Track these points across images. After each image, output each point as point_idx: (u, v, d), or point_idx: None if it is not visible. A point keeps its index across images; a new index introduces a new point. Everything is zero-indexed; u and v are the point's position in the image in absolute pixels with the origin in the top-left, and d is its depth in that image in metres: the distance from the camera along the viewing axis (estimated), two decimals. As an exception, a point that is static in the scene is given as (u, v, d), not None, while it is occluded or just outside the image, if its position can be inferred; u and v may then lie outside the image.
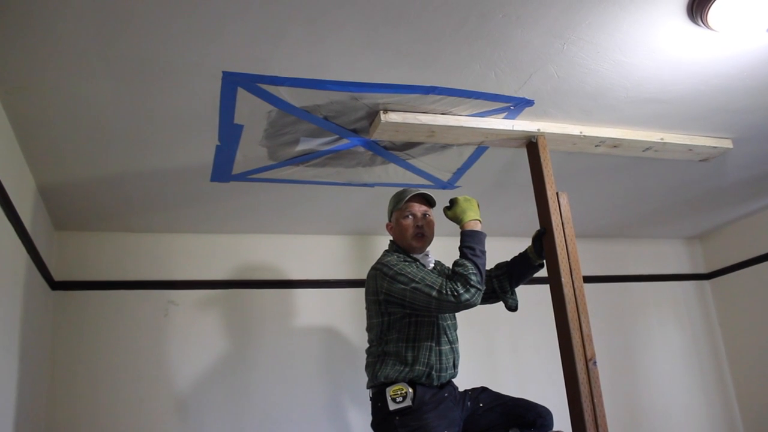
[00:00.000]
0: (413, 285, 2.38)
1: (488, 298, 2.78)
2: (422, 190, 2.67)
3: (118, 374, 3.48)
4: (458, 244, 2.46)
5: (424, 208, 2.65)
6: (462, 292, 2.30)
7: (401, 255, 2.60)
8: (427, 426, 2.37)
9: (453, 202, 2.56)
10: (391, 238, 2.71)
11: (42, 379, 3.25)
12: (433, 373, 2.45)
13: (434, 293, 2.32)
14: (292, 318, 3.89)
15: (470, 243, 2.42)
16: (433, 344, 2.48)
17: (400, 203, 2.64)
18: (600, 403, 2.36)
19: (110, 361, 3.49)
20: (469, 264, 2.36)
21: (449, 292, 2.30)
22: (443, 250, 2.98)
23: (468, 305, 2.33)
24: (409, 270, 2.44)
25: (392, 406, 2.42)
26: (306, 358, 3.83)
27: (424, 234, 2.61)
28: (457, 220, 2.53)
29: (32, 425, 3.00)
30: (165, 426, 3.48)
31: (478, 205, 2.56)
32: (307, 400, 3.75)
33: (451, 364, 2.53)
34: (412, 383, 2.43)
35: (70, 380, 3.40)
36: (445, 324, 2.56)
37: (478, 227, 2.48)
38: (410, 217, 2.62)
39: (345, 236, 4.17)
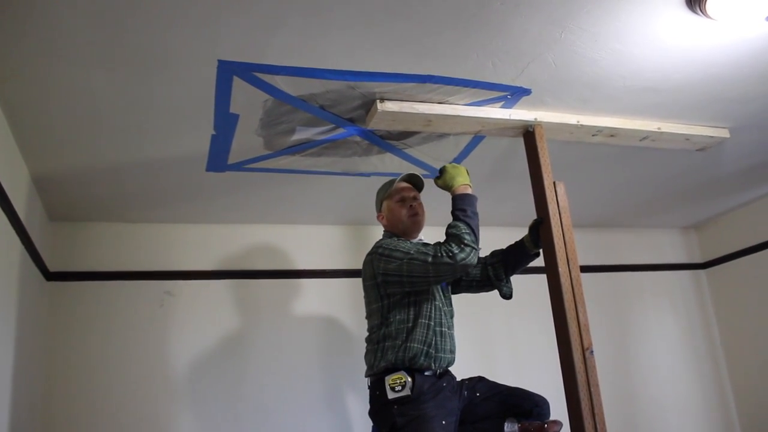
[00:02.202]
0: (408, 257, 2.41)
1: (483, 285, 2.80)
2: (411, 172, 2.69)
3: (114, 365, 3.47)
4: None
5: (414, 192, 2.70)
6: (457, 252, 2.31)
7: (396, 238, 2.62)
8: (425, 415, 2.37)
9: (442, 171, 2.58)
10: (384, 229, 2.71)
11: (38, 370, 3.24)
12: (431, 350, 2.44)
13: (430, 258, 2.34)
14: (288, 308, 3.89)
15: (461, 205, 2.44)
16: (432, 324, 2.49)
17: (389, 189, 2.68)
18: (597, 392, 2.37)
19: (106, 351, 3.48)
20: (461, 224, 2.38)
21: (444, 254, 2.32)
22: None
23: (465, 265, 2.33)
24: (403, 245, 2.47)
25: (391, 395, 2.43)
26: (303, 348, 3.83)
27: (417, 213, 2.64)
28: (447, 187, 2.55)
29: (29, 416, 2.99)
30: (162, 416, 3.48)
31: (468, 172, 2.56)
32: (305, 390, 3.75)
33: (448, 348, 2.53)
34: (411, 372, 2.43)
35: (66, 371, 3.39)
36: (444, 310, 2.57)
37: (468, 191, 2.49)
38: (401, 200, 2.66)
39: (341, 226, 4.16)
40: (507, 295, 2.79)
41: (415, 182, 2.71)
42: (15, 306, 2.72)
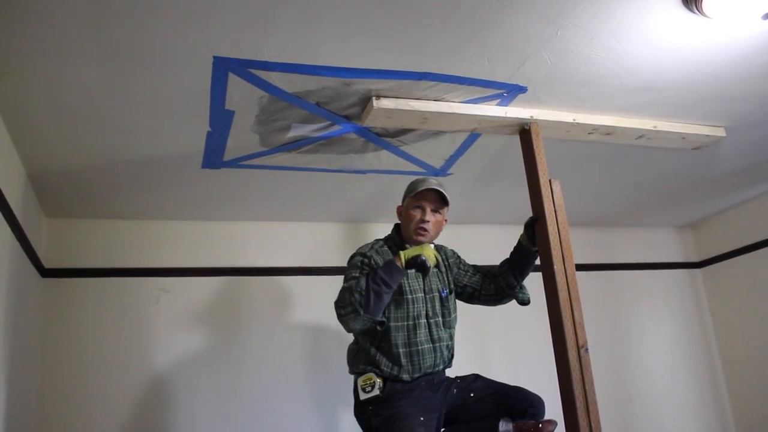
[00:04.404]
0: (343, 284, 2.41)
1: (501, 298, 2.73)
2: (439, 186, 2.58)
3: (109, 361, 3.47)
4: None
5: (436, 204, 2.59)
6: (339, 307, 2.33)
7: (382, 245, 2.59)
8: (399, 414, 2.35)
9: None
10: (398, 221, 2.69)
11: (32, 366, 3.23)
12: (403, 375, 2.42)
13: (337, 298, 2.37)
14: (283, 305, 3.89)
15: (379, 269, 2.37)
16: (401, 347, 2.44)
17: (414, 192, 2.59)
18: (591, 390, 2.37)
19: (101, 348, 3.48)
20: (362, 283, 2.31)
21: (336, 304, 2.34)
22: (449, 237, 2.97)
23: (343, 324, 2.34)
24: (352, 272, 2.45)
25: (362, 396, 2.43)
26: (297, 345, 3.83)
27: (426, 230, 2.56)
28: None
29: (23, 414, 2.99)
30: (156, 413, 3.48)
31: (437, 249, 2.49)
32: (298, 388, 3.76)
33: (430, 363, 2.48)
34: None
35: (60, 368, 3.38)
36: (430, 321, 2.52)
37: (395, 262, 2.37)
38: (419, 209, 2.58)
39: (337, 223, 4.16)
40: (524, 302, 2.73)
41: (443, 196, 2.59)
42: (10, 303, 2.70)
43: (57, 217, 3.58)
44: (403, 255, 2.37)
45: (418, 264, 2.35)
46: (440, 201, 2.60)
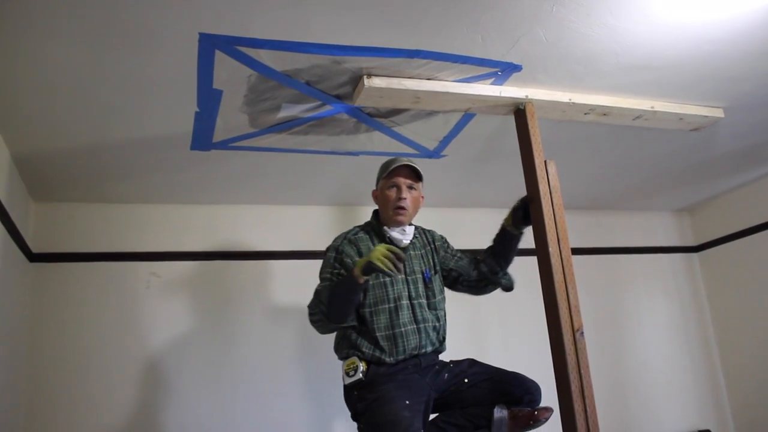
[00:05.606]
0: (317, 286, 2.44)
1: (484, 286, 2.68)
2: (410, 162, 2.57)
3: (99, 347, 3.43)
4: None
5: (410, 180, 2.56)
6: (310, 313, 2.41)
7: (357, 233, 2.58)
8: (384, 397, 2.31)
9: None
10: (376, 207, 2.65)
11: (21, 352, 3.20)
12: (385, 357, 2.38)
13: (310, 302, 2.42)
14: (274, 289, 3.85)
15: (338, 284, 2.38)
16: (383, 330, 2.41)
17: (386, 171, 2.56)
18: (587, 374, 2.34)
19: (90, 333, 3.44)
20: (327, 290, 2.37)
21: (308, 309, 2.42)
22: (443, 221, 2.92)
23: (314, 328, 2.44)
24: (324, 271, 2.47)
25: (346, 381, 2.41)
26: (287, 329, 3.79)
27: (404, 208, 2.52)
28: None
29: (11, 400, 2.95)
30: (147, 399, 3.45)
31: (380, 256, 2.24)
32: (288, 371, 3.73)
33: (414, 345, 2.42)
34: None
35: (49, 353, 3.34)
36: (413, 302, 2.47)
37: (354, 271, 2.26)
38: (394, 188, 2.55)
39: (329, 207, 4.12)
40: (508, 287, 2.69)
41: (416, 171, 2.57)
42: (-5, 287, 2.67)
43: (44, 201, 3.53)
44: (359, 265, 2.26)
45: (374, 271, 2.23)
46: (414, 176, 2.57)
